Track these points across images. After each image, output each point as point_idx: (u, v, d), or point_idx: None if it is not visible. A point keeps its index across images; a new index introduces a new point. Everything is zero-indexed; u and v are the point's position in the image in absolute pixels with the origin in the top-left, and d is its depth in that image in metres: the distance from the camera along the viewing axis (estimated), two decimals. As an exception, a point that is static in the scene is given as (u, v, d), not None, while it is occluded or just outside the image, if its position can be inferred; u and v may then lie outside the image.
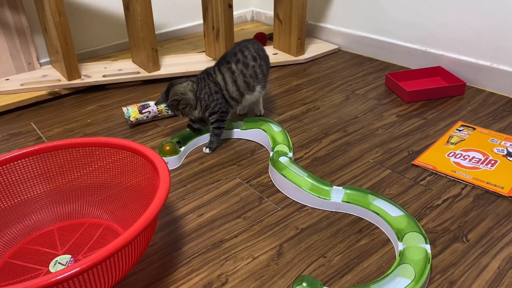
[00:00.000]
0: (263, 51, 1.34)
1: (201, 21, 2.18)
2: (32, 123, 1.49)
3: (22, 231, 0.98)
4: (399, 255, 0.85)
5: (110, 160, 1.04)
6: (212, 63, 1.80)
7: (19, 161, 0.99)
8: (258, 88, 1.31)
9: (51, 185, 1.03)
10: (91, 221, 1.02)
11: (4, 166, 0.97)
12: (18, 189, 1.00)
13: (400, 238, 0.89)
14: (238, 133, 1.34)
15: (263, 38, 2.07)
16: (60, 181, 1.04)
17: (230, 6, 1.69)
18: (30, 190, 1.01)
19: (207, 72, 1.27)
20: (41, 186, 1.02)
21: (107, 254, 0.69)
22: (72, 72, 1.65)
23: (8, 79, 1.67)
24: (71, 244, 0.96)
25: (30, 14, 1.71)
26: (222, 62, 1.27)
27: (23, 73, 1.73)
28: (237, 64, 1.26)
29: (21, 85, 1.62)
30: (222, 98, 1.25)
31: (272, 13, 2.27)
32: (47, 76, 1.69)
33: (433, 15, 1.62)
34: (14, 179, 0.99)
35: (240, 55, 1.27)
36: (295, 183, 1.06)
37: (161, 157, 0.93)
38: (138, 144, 0.99)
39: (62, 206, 1.04)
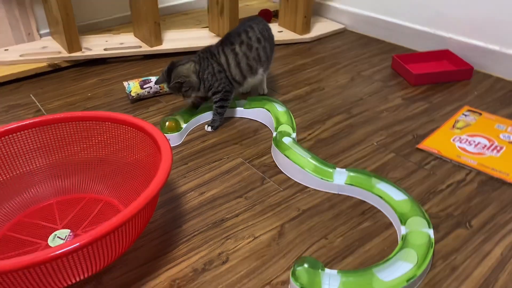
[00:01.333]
0: (268, 31, 1.31)
1: (205, -4, 2.13)
2: (31, 95, 1.46)
3: (20, 204, 0.97)
4: (402, 239, 0.84)
5: (110, 135, 1.02)
6: (215, 39, 1.76)
7: (18, 133, 0.97)
8: (260, 70, 1.28)
9: (50, 159, 1.02)
10: (90, 196, 1.01)
11: (2, 138, 0.95)
12: (17, 162, 0.98)
13: (403, 222, 0.88)
14: (241, 112, 1.32)
15: (268, 15, 2.03)
16: (60, 155, 1.02)
17: (236, -19, 1.65)
18: (29, 163, 1.00)
19: (210, 52, 1.24)
20: (40, 160, 1.01)
21: (107, 230, 0.68)
22: (72, 44, 1.61)
23: (7, 50, 1.64)
24: (70, 219, 0.95)
25: (30, -17, 1.66)
26: (226, 43, 1.24)
27: (23, 44, 1.69)
28: (241, 46, 1.23)
29: (21, 56, 1.59)
30: (226, 78, 1.23)
31: (277, -10, 2.22)
32: (47, 48, 1.66)
33: (443, -3, 1.59)
34: (12, 151, 0.97)
35: (245, 36, 1.24)
36: (298, 164, 1.04)
37: (163, 134, 0.92)
38: (140, 120, 0.97)
39: (62, 180, 1.02)
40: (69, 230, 0.91)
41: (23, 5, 1.64)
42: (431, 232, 0.85)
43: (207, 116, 1.30)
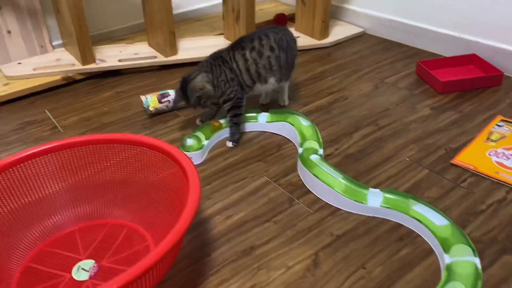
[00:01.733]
0: (289, 41, 1.25)
1: (219, 1, 2.08)
2: (46, 110, 1.42)
3: (42, 232, 0.94)
4: (446, 270, 0.79)
5: (129, 154, 0.98)
6: (231, 47, 1.72)
7: (35, 160, 0.93)
8: (271, 80, 1.24)
9: (68, 182, 0.98)
10: (113, 221, 0.97)
11: (21, 165, 0.91)
12: (35, 186, 0.94)
13: (446, 249, 0.83)
14: (262, 125, 1.27)
15: (283, 20, 1.97)
16: (78, 177, 0.98)
17: (252, -13, 1.60)
18: (47, 187, 0.96)
19: (222, 59, 1.20)
20: (58, 183, 0.97)
21: (141, 271, 0.64)
22: (86, 56, 1.57)
23: (20, 63, 1.60)
24: (94, 247, 0.91)
25: (41, -7, 1.62)
26: (237, 47, 1.20)
27: (36, 57, 1.65)
28: (251, 52, 1.19)
29: (34, 69, 1.56)
30: (238, 84, 1.20)
31: (292, -8, 2.16)
32: (60, 60, 1.62)
33: (469, -1, 1.52)
34: (28, 175, 0.93)
35: (257, 43, 1.20)
36: (328, 185, 0.99)
37: (185, 155, 0.87)
38: (163, 142, 0.92)
39: (82, 205, 0.98)
40: (93, 261, 0.87)
41: (35, 17, 1.60)
42: (477, 261, 0.80)
43: (226, 132, 1.25)
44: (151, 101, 1.33)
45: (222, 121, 1.25)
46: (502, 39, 1.48)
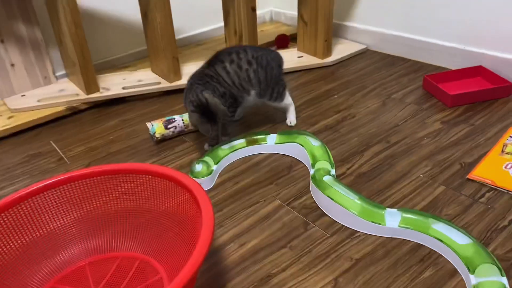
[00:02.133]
0: (269, 60, 1.26)
1: (221, 24, 2.08)
2: (51, 142, 1.41)
3: (52, 268, 0.91)
4: (474, 292, 0.76)
5: (136, 183, 0.96)
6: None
7: (41, 194, 0.91)
8: (253, 92, 1.25)
9: (76, 215, 0.95)
10: (124, 254, 0.94)
11: (29, 200, 0.89)
12: (43, 220, 0.92)
13: (471, 270, 0.80)
14: (271, 147, 1.25)
15: (285, 41, 1.97)
16: (86, 209, 0.96)
17: (254, 10, 1.60)
18: (55, 221, 0.93)
19: (207, 75, 1.21)
20: (66, 216, 0.95)
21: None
22: (90, 85, 1.57)
23: (24, 95, 1.60)
24: (105, 282, 0.88)
25: (44, 26, 1.63)
26: (215, 61, 1.23)
27: (39, 88, 1.65)
28: (231, 64, 1.22)
29: (38, 101, 1.55)
30: (231, 97, 1.22)
31: (292, 12, 2.17)
32: (64, 91, 1.61)
33: (472, 10, 1.51)
34: (36, 210, 0.91)
35: (235, 56, 1.22)
36: (343, 206, 0.96)
37: (195, 181, 0.85)
38: (172, 169, 0.91)
39: (92, 238, 0.96)
40: (105, 297, 0.84)
41: (38, 49, 1.61)
42: (505, 280, 0.77)
43: (236, 155, 1.23)
44: (157, 127, 1.32)
45: (233, 143, 1.23)
46: (508, 50, 1.47)
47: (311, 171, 1.10)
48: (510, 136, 1.20)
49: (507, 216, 0.95)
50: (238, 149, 1.23)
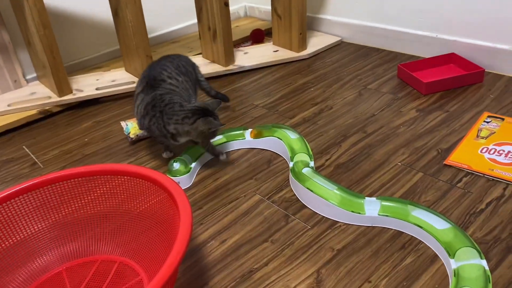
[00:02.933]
0: (185, 66, 1.25)
1: (194, 21, 2.06)
2: (24, 146, 1.37)
3: (27, 276, 0.88)
4: (455, 276, 0.76)
5: (113, 185, 0.93)
6: (210, 66, 1.69)
7: (12, 200, 0.88)
8: (193, 100, 1.23)
9: (51, 220, 0.93)
10: (102, 257, 0.92)
11: None
12: (15, 227, 0.89)
13: (451, 254, 0.80)
14: (250, 142, 1.24)
15: (260, 35, 1.96)
16: (62, 213, 0.93)
17: (227, 4, 1.58)
18: (29, 227, 0.91)
19: (159, 101, 1.09)
20: (40, 222, 0.92)
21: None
22: (62, 87, 1.53)
23: (-7, 100, 1.55)
24: (84, 287, 0.86)
25: (11, 27, 1.58)
26: (156, 86, 1.13)
27: (9, 92, 1.60)
28: (172, 80, 1.17)
29: (8, 105, 1.50)
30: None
31: (266, 7, 2.16)
32: (35, 94, 1.57)
33: (442, -1, 1.53)
34: (6, 217, 0.88)
35: (166, 75, 1.17)
36: (323, 197, 0.96)
37: (172, 179, 0.84)
38: (145, 168, 0.89)
39: (68, 243, 0.93)
40: (84, 303, 0.82)
41: (6, 52, 1.56)
42: (484, 263, 0.77)
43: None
44: (131, 127, 1.29)
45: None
46: (479, 36, 1.49)
47: (290, 164, 1.09)
48: (484, 121, 1.21)
49: (484, 199, 0.96)
50: (216, 146, 1.21)
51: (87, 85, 1.61)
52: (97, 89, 1.58)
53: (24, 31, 1.52)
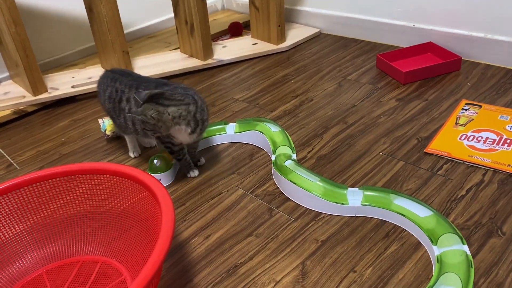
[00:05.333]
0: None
1: (170, 15, 2.03)
2: (-1, 148, 1.33)
3: (6, 280, 0.86)
4: (438, 262, 0.77)
5: (93, 184, 0.91)
6: (189, 60, 1.67)
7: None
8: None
9: (30, 222, 0.90)
10: (84, 258, 0.90)
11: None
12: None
13: (434, 241, 0.81)
14: (231, 137, 1.23)
15: (238, 28, 1.95)
16: (40, 215, 0.91)
17: (203, -2, 1.56)
18: (7, 230, 0.88)
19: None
20: (18, 224, 0.89)
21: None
22: (37, 86, 1.49)
23: (-35, 101, 1.50)
24: (66, 290, 0.84)
25: (-19, 26, 1.53)
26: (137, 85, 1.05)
27: (-18, 92, 1.56)
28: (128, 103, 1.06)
29: (-19, 106, 1.46)
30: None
31: (243, 0, 2.14)
32: (9, 93, 1.53)
33: (418, -11, 1.54)
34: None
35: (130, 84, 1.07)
36: (306, 189, 0.96)
37: (152, 176, 0.83)
38: (129, 167, 0.87)
39: (48, 245, 0.91)
40: (66, 305, 0.80)
41: (-24, 51, 1.51)
42: (466, 248, 0.78)
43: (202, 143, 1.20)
44: (108, 124, 1.27)
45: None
46: (455, 25, 1.50)
47: (273, 157, 1.09)
48: (463, 108, 1.23)
49: (464, 186, 0.97)
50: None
51: (63, 83, 1.57)
52: (73, 87, 1.55)
53: (-5, 29, 1.47)
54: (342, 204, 0.92)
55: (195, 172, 1.11)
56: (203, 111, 1.01)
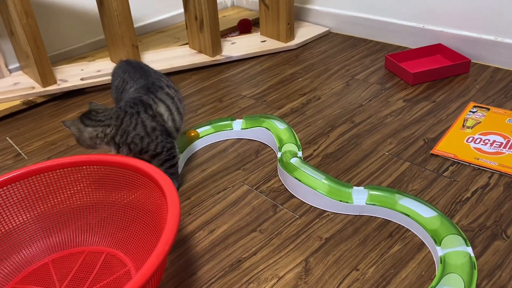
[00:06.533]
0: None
1: (180, 10, 2.04)
2: (7, 138, 1.35)
3: (12, 268, 0.87)
4: (441, 263, 0.77)
5: (100, 175, 0.92)
6: (197, 56, 1.68)
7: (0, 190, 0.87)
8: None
9: (37, 211, 0.91)
10: (89, 249, 0.91)
11: (-17, 198, 0.85)
12: (0, 218, 0.87)
13: (438, 242, 0.81)
14: (238, 133, 1.23)
15: (247, 25, 1.95)
16: (48, 204, 0.92)
17: (214, -6, 1.56)
18: (14, 219, 0.89)
19: (143, 103, 0.97)
20: (26, 213, 0.91)
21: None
22: (46, 77, 1.50)
23: (-25, 91, 1.52)
24: (70, 279, 0.85)
25: (-8, 16, 1.54)
26: (155, 88, 1.01)
27: (-8, 82, 1.57)
28: (169, 88, 1.03)
29: (-9, 96, 1.48)
30: (163, 133, 0.99)
31: (254, -3, 2.14)
32: (18, 84, 1.54)
33: (429, -10, 1.54)
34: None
35: (163, 80, 1.06)
36: (311, 187, 0.96)
37: (164, 174, 0.83)
38: (137, 160, 0.88)
39: (54, 234, 0.92)
40: (71, 294, 0.81)
41: (-13, 41, 1.52)
42: (470, 250, 0.78)
43: (202, 142, 1.21)
44: (119, 118, 1.28)
45: (199, 130, 1.21)
46: (465, 27, 1.49)
47: (278, 154, 1.09)
48: (470, 111, 1.23)
49: (470, 188, 0.97)
50: (204, 136, 1.21)
51: (72, 75, 1.58)
52: (82, 79, 1.56)
53: (6, 20, 1.48)
54: (347, 202, 0.93)
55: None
56: (127, 134, 0.95)
